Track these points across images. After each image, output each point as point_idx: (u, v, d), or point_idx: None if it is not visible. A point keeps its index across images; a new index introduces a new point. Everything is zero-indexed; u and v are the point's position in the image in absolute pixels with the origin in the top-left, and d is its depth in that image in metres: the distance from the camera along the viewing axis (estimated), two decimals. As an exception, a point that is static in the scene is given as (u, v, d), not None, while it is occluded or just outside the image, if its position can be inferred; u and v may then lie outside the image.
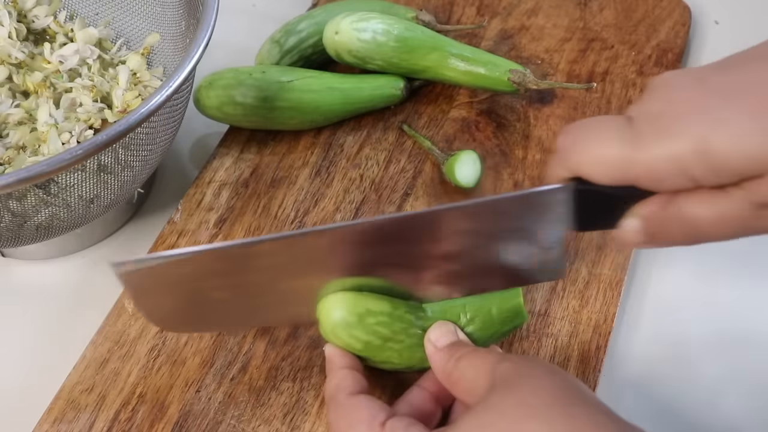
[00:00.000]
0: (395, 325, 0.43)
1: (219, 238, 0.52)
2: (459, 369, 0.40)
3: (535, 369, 0.37)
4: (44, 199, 0.45)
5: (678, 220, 0.35)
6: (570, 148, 0.37)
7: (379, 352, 0.43)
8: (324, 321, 0.43)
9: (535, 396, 0.35)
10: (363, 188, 0.55)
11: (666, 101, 0.34)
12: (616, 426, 0.34)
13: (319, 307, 0.43)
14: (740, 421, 0.47)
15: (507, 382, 0.36)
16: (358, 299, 0.43)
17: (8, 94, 0.53)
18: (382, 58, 0.56)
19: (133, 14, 0.59)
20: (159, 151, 0.50)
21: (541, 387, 0.35)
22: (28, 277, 0.54)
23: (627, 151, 0.34)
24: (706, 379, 0.48)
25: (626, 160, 0.34)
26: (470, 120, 0.58)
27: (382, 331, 0.43)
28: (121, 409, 0.45)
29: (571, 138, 0.37)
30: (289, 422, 0.45)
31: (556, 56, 0.62)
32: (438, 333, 0.42)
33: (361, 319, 0.42)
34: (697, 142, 0.32)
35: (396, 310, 0.43)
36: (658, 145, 0.33)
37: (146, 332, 0.48)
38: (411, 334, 0.43)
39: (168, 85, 0.43)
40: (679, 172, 0.33)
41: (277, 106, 0.55)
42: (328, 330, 0.43)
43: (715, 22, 0.68)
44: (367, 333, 0.42)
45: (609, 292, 0.49)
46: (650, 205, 0.36)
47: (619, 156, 0.34)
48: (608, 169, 0.35)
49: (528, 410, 0.34)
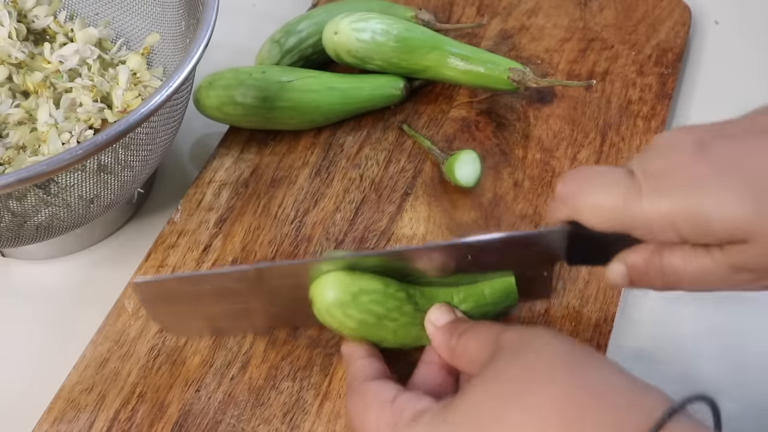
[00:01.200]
0: (389, 303, 0.44)
1: (219, 237, 0.52)
2: (462, 343, 0.41)
3: (539, 336, 0.38)
4: (44, 199, 0.45)
5: (659, 271, 0.39)
6: (572, 194, 0.39)
7: (374, 331, 0.44)
8: (318, 301, 0.43)
9: (540, 360, 0.36)
10: (363, 188, 0.55)
11: (666, 161, 0.37)
12: (625, 381, 0.34)
13: (313, 287, 0.44)
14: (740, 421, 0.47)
15: (513, 348, 0.37)
16: (351, 278, 0.43)
17: (8, 94, 0.53)
18: (381, 58, 0.56)
19: (133, 14, 0.59)
20: (159, 151, 0.50)
21: (546, 351, 0.36)
22: (28, 277, 0.54)
23: (626, 203, 0.37)
24: (706, 379, 0.48)
25: (624, 212, 0.37)
26: (470, 120, 0.58)
27: (376, 309, 0.43)
28: (120, 408, 0.45)
29: (573, 186, 0.40)
30: (288, 422, 0.45)
31: (556, 56, 0.62)
32: (437, 313, 0.44)
33: (355, 298, 0.43)
34: (689, 206, 0.35)
35: (388, 288, 0.44)
36: (654, 202, 0.36)
37: (146, 332, 0.48)
38: (404, 312, 0.44)
39: (168, 85, 0.43)
40: (669, 229, 0.36)
41: (277, 106, 0.55)
42: (322, 310, 0.43)
43: (715, 22, 0.68)
44: (361, 311, 0.43)
45: (609, 292, 0.49)
46: (636, 254, 0.39)
47: (618, 207, 0.37)
48: (606, 217, 0.38)
49: (534, 374, 0.35)
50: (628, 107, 0.59)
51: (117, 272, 0.52)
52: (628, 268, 0.40)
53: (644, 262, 0.39)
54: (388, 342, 0.45)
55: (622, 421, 0.32)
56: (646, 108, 0.59)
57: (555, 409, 0.33)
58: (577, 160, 0.56)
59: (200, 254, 0.51)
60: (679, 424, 0.31)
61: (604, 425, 0.32)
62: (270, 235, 0.53)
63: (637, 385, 0.34)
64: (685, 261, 0.37)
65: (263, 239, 0.52)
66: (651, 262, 0.39)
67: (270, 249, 0.52)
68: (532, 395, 0.34)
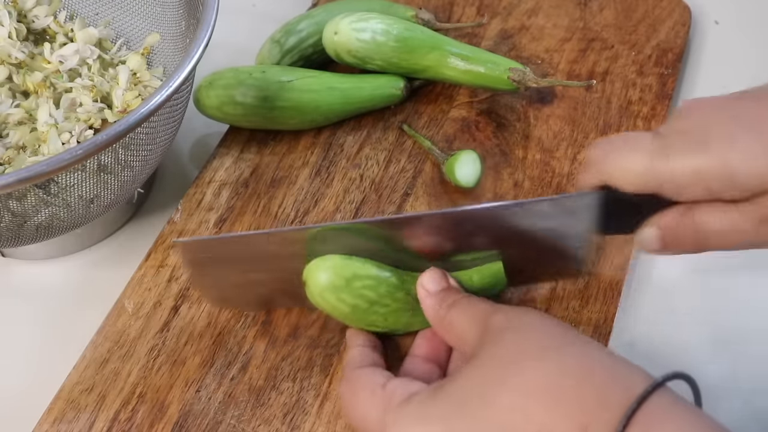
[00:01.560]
0: (381, 289, 0.44)
1: (219, 238, 0.52)
2: (451, 315, 0.42)
3: (526, 316, 0.39)
4: (44, 199, 0.45)
5: (690, 229, 0.39)
6: (601, 158, 0.40)
7: (366, 316, 0.45)
8: (311, 284, 0.44)
9: (528, 340, 0.37)
10: (363, 188, 0.55)
11: (693, 121, 0.38)
12: (609, 360, 0.36)
13: (307, 270, 0.44)
14: (741, 422, 0.47)
15: (501, 332, 0.38)
16: (345, 263, 0.44)
17: (8, 94, 0.53)
18: (381, 58, 0.56)
19: (133, 14, 0.59)
20: (159, 151, 0.50)
21: (534, 332, 0.38)
22: (28, 277, 0.54)
23: (655, 161, 0.38)
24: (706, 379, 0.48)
25: (653, 170, 0.38)
26: (470, 120, 0.58)
27: (369, 294, 0.44)
28: (121, 409, 0.45)
29: (602, 149, 0.41)
30: (289, 422, 0.45)
31: (556, 56, 0.62)
32: (429, 277, 0.44)
33: (348, 283, 0.44)
34: (717, 159, 0.36)
35: (381, 273, 0.45)
36: (683, 158, 0.37)
37: (146, 332, 0.48)
38: (396, 298, 0.45)
39: (168, 85, 0.43)
40: (699, 185, 0.37)
41: (277, 106, 0.55)
42: (315, 293, 0.44)
43: (715, 22, 0.68)
44: (354, 296, 0.44)
45: (609, 292, 0.49)
46: (667, 216, 0.40)
47: (647, 165, 0.38)
48: (636, 177, 0.39)
49: (521, 355, 0.36)
50: (628, 107, 0.59)
51: (117, 272, 0.52)
52: (661, 230, 0.40)
53: (675, 223, 0.40)
54: (378, 327, 0.46)
55: (606, 397, 0.34)
56: (646, 108, 0.59)
57: (541, 390, 0.35)
58: (577, 161, 0.56)
59: (200, 254, 0.51)
60: (660, 399, 0.33)
61: (588, 401, 0.34)
62: (270, 235, 0.53)
63: (619, 364, 0.36)
64: (715, 217, 0.38)
65: (263, 239, 0.52)
66: (682, 222, 0.39)
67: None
68: (519, 376, 0.36)
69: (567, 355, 0.36)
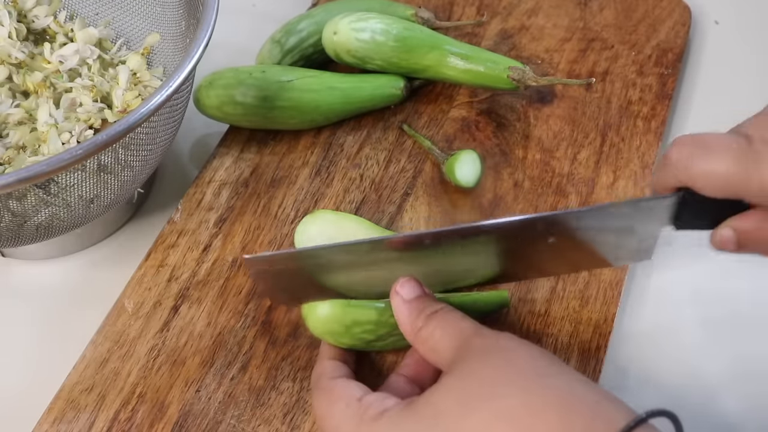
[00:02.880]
0: (380, 331, 0.45)
1: (219, 237, 0.52)
2: (429, 327, 0.40)
3: (513, 342, 0.38)
4: (44, 199, 0.45)
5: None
6: (685, 160, 0.39)
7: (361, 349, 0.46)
8: (311, 326, 0.45)
9: (514, 366, 0.37)
10: (363, 188, 0.55)
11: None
12: (590, 391, 0.35)
13: (306, 311, 0.45)
14: (741, 420, 0.47)
15: (486, 352, 0.38)
16: (345, 310, 0.44)
17: (8, 94, 0.53)
18: (381, 57, 0.56)
19: (133, 14, 0.59)
20: (159, 151, 0.50)
21: (520, 359, 0.37)
22: (28, 277, 0.54)
23: (744, 168, 0.37)
24: (706, 379, 0.48)
25: (741, 177, 0.37)
26: (470, 120, 0.58)
27: (368, 337, 0.45)
28: (120, 408, 0.45)
29: (687, 151, 0.39)
30: (289, 422, 0.45)
31: (556, 56, 0.62)
32: (405, 285, 0.42)
33: (348, 330, 0.44)
34: None
35: (382, 316, 0.45)
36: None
37: (146, 332, 0.48)
38: (395, 333, 0.44)
39: (168, 85, 0.43)
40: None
41: (277, 106, 0.55)
42: (315, 331, 0.45)
43: (715, 22, 0.68)
44: (353, 339, 0.45)
45: (609, 292, 0.49)
46: (747, 220, 0.39)
47: (733, 172, 0.37)
48: (721, 183, 0.38)
49: (505, 378, 0.36)
50: (628, 107, 0.59)
51: (117, 272, 0.52)
52: (738, 233, 0.40)
53: (755, 229, 0.39)
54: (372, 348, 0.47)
55: (587, 430, 0.33)
56: (646, 108, 0.59)
57: (518, 416, 0.34)
58: (577, 161, 0.56)
59: (200, 254, 0.51)
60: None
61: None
62: (270, 235, 0.53)
63: (601, 396, 0.35)
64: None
65: (263, 239, 0.52)
66: (762, 228, 0.39)
67: (270, 249, 0.52)
68: (497, 399, 0.35)
69: (551, 387, 0.35)
